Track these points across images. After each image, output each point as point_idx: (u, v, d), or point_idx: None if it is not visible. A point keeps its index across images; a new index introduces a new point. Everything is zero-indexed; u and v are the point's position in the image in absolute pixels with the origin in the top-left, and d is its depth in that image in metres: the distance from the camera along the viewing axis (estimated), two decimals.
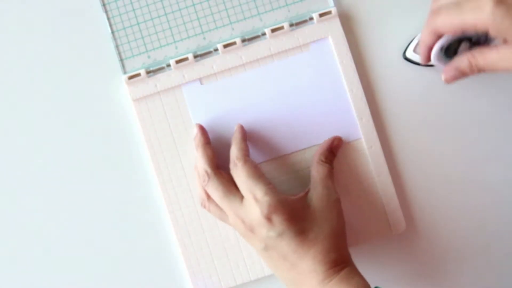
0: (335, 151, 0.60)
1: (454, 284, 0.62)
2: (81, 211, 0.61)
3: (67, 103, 0.62)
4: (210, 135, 0.61)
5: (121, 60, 0.62)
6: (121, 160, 0.62)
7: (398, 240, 0.61)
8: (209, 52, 0.62)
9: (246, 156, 0.57)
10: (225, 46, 0.61)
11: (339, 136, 0.61)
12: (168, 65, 0.61)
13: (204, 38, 0.62)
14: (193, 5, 0.62)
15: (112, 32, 0.62)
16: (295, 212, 0.55)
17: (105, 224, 0.62)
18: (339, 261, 0.54)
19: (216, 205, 0.58)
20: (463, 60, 0.54)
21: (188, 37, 0.62)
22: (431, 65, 0.61)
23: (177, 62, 0.61)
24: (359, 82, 0.61)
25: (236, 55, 0.62)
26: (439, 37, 0.54)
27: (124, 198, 0.62)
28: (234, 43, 0.61)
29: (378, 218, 0.61)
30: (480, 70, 0.53)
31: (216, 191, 0.57)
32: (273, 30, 0.61)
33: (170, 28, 0.62)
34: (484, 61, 0.53)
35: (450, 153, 0.63)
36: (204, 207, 0.59)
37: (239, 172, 0.56)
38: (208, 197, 0.58)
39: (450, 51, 0.56)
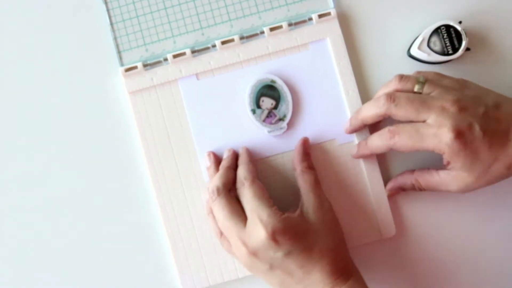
0: (309, 152, 0.61)
1: None
2: (71, 204, 0.62)
3: (63, 93, 0.62)
4: (205, 130, 0.61)
5: (119, 52, 0.62)
6: (114, 152, 0.62)
7: (387, 245, 0.61)
8: (207, 48, 0.62)
9: (254, 177, 0.58)
10: (223, 42, 0.61)
11: (305, 137, 0.61)
12: (166, 59, 0.61)
13: (203, 34, 0.62)
14: (193, 0, 0.62)
15: (111, 24, 0.62)
16: (299, 230, 0.55)
17: (94, 217, 0.62)
18: (346, 270, 0.55)
19: None
20: (407, 179, 0.59)
21: (187, 32, 0.62)
22: (432, 63, 0.61)
23: (175, 56, 0.61)
24: (356, 85, 0.61)
25: (234, 52, 0.61)
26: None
27: (115, 191, 0.62)
28: (232, 40, 0.61)
29: (368, 222, 0.61)
30: (422, 190, 0.59)
31: (222, 210, 0.56)
32: (271, 29, 0.61)
33: (169, 22, 0.62)
34: (426, 184, 0.58)
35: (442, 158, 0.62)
36: (210, 216, 0.60)
37: (245, 191, 0.57)
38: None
39: None
